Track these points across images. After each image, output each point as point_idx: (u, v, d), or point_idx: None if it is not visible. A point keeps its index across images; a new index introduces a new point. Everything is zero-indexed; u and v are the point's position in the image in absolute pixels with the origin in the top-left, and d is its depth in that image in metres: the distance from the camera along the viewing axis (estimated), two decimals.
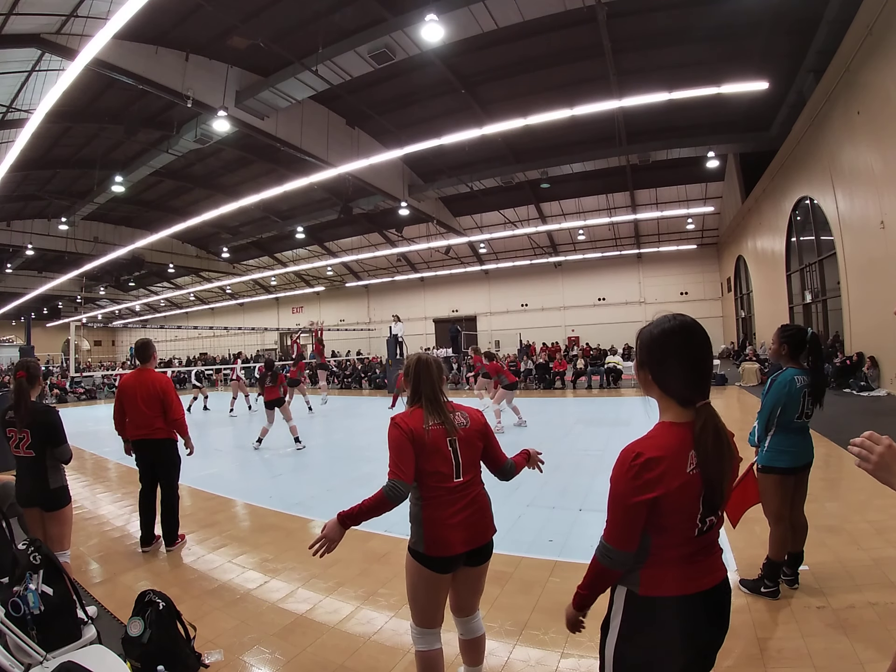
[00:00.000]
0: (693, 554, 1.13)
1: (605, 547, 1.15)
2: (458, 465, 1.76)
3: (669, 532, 1.11)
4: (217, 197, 17.88)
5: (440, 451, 1.75)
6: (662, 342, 1.15)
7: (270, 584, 3.01)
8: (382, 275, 26.66)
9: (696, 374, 1.12)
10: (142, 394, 3.63)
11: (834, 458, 5.10)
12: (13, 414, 2.65)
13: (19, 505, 2.74)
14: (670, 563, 1.12)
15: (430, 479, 1.74)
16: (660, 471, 1.06)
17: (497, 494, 4.43)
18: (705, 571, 1.15)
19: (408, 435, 1.72)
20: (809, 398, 2.54)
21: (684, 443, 1.09)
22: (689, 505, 1.09)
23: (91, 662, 1.65)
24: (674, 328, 1.14)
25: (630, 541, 1.12)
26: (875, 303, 8.47)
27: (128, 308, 36.16)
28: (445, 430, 1.78)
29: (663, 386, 1.15)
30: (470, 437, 1.82)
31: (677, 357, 1.12)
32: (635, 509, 1.08)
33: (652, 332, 1.18)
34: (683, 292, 22.29)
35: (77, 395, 18.64)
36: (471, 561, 1.79)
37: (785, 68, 10.58)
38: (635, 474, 1.07)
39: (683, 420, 1.13)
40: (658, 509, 1.08)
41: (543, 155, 15.04)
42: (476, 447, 1.84)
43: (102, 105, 11.75)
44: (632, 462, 1.08)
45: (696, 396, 1.12)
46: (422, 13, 7.88)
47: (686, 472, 1.08)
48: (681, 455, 1.08)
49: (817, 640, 2.15)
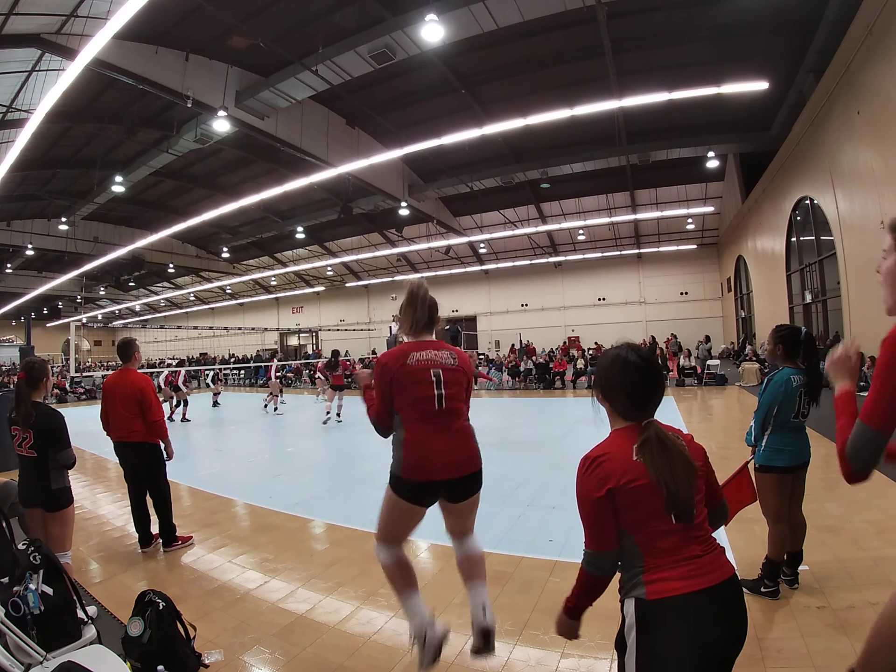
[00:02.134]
0: (684, 546, 1.15)
1: (587, 554, 1.23)
2: (441, 395, 1.84)
3: (645, 525, 1.15)
4: (217, 197, 17.88)
5: (424, 379, 1.83)
6: (608, 369, 1.29)
7: (270, 584, 3.01)
8: (382, 275, 26.66)
9: (634, 400, 1.24)
10: (120, 394, 3.54)
11: (834, 458, 5.06)
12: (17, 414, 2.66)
13: (21, 505, 2.73)
14: (666, 560, 1.13)
15: (412, 405, 1.83)
16: (606, 465, 1.17)
17: (497, 494, 4.46)
18: (707, 568, 1.15)
19: (388, 371, 1.84)
20: (806, 397, 2.56)
21: (627, 440, 1.20)
22: (646, 495, 1.14)
23: (91, 662, 1.65)
24: (620, 358, 1.26)
25: (605, 538, 1.18)
26: (875, 303, 8.42)
27: (128, 308, 36.17)
28: (429, 363, 1.86)
29: (611, 404, 1.29)
30: (454, 373, 1.90)
31: (618, 383, 1.26)
32: (598, 505, 1.16)
33: (603, 357, 1.33)
34: (683, 292, 22.29)
35: (77, 395, 18.65)
36: (456, 493, 1.84)
37: (785, 68, 10.58)
38: (588, 473, 1.19)
39: (625, 426, 1.25)
40: (619, 503, 1.15)
41: (543, 155, 15.04)
42: (460, 383, 1.92)
43: (102, 105, 11.75)
44: (585, 465, 1.21)
45: (638, 415, 1.23)
46: (422, 13, 7.88)
47: (632, 460, 1.16)
48: (625, 450, 1.18)
49: (817, 640, 2.15)
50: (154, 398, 3.65)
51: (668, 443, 1.18)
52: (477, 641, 1.89)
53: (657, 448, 1.16)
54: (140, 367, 3.96)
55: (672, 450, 1.17)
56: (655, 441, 1.17)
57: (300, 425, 10.32)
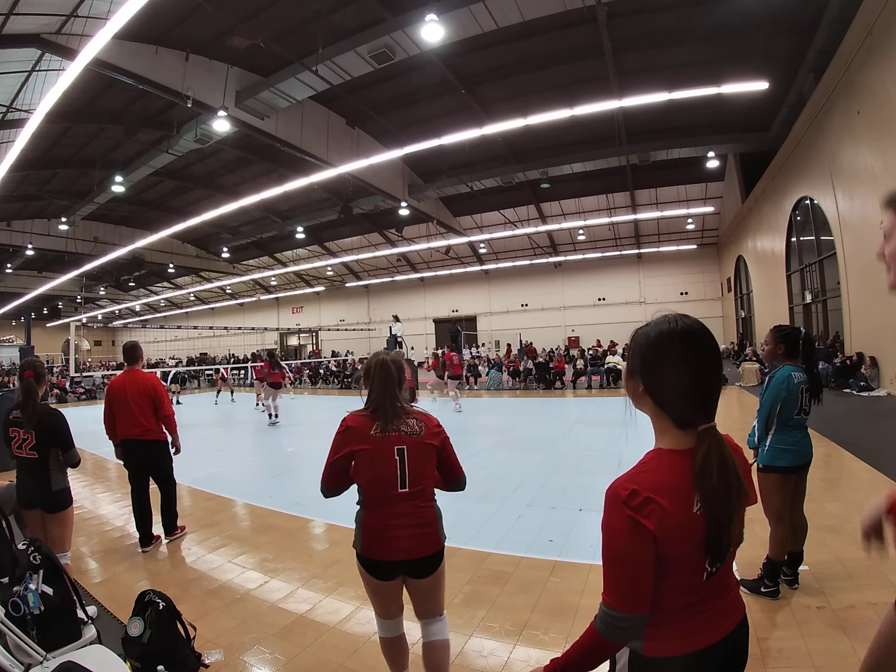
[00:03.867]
0: (702, 601, 0.94)
1: (608, 614, 0.90)
2: (405, 474, 1.69)
3: (672, 581, 0.91)
4: (217, 197, 17.88)
5: (386, 457, 1.69)
6: (659, 348, 0.94)
7: (270, 584, 3.01)
8: (382, 275, 26.67)
9: (700, 391, 0.93)
10: (132, 393, 3.64)
11: (834, 458, 5.10)
12: (19, 414, 2.61)
13: (21, 507, 2.72)
14: (676, 616, 0.93)
15: (373, 484, 1.72)
16: (659, 515, 0.87)
17: (497, 494, 4.46)
18: (720, 617, 0.96)
19: (349, 439, 1.73)
20: (807, 394, 2.57)
21: (685, 477, 0.90)
22: (693, 551, 0.90)
23: (91, 662, 1.64)
24: (674, 332, 0.93)
25: (640, 599, 0.89)
26: (875, 303, 8.46)
27: (128, 308, 36.17)
28: (393, 437, 1.71)
29: (658, 401, 0.95)
30: (421, 447, 1.73)
31: (677, 368, 0.92)
32: (637, 558, 0.88)
33: (648, 335, 0.96)
34: (683, 292, 22.30)
35: (77, 395, 18.65)
36: (414, 573, 1.73)
37: (785, 68, 10.59)
38: (632, 519, 0.88)
39: (684, 447, 0.93)
40: (661, 559, 0.89)
41: (543, 155, 15.04)
42: (427, 457, 1.75)
43: (102, 105, 11.75)
44: (625, 501, 0.89)
45: (698, 418, 0.93)
46: (422, 13, 7.89)
47: (692, 513, 0.89)
48: (681, 492, 0.89)
49: (817, 640, 2.15)
50: (165, 394, 3.85)
51: (729, 464, 0.91)
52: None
53: (718, 471, 0.89)
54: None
55: (732, 474, 0.91)
56: (717, 461, 0.89)
57: (300, 425, 10.32)
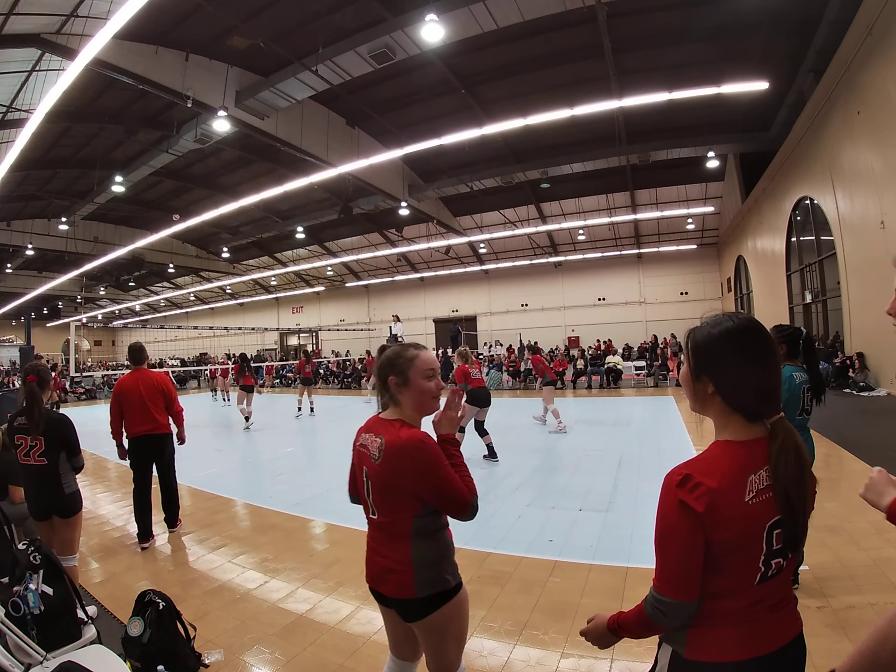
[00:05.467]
0: (752, 607, 0.92)
1: (658, 600, 0.92)
2: (369, 501, 1.46)
3: (723, 576, 0.91)
4: (217, 197, 17.87)
5: (359, 473, 1.50)
6: (727, 345, 0.95)
7: (270, 584, 3.01)
8: (382, 275, 26.66)
9: (769, 383, 0.94)
10: (144, 390, 3.79)
11: (834, 458, 5.10)
12: (24, 420, 2.51)
13: (34, 519, 2.63)
14: (724, 620, 0.92)
15: (357, 496, 1.57)
16: (707, 497, 0.88)
17: (497, 494, 4.47)
18: (772, 629, 0.93)
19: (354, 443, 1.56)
20: (809, 394, 2.57)
21: (744, 467, 0.90)
22: (748, 543, 0.90)
23: (91, 662, 1.65)
24: (740, 328, 0.95)
25: (691, 586, 0.90)
26: (875, 303, 8.46)
27: (128, 308, 36.16)
28: (360, 451, 1.49)
29: (730, 399, 0.94)
30: (382, 475, 1.39)
31: (747, 363, 0.93)
32: (686, 542, 0.89)
33: (712, 334, 0.97)
34: (683, 292, 22.29)
35: (77, 395, 18.66)
36: (399, 611, 1.48)
37: (785, 68, 10.58)
38: (685, 504, 0.89)
39: (745, 438, 0.94)
40: (710, 547, 0.89)
41: (543, 155, 15.03)
42: (389, 493, 1.39)
43: (102, 105, 11.74)
44: (677, 485, 0.90)
45: (768, 409, 0.93)
46: (422, 13, 7.88)
47: (744, 501, 0.89)
48: (738, 482, 0.90)
49: (817, 640, 2.14)
50: (174, 390, 4.06)
51: (802, 453, 0.92)
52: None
53: (794, 460, 0.90)
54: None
55: (805, 463, 0.91)
56: (793, 450, 0.90)
57: (300, 425, 10.31)
